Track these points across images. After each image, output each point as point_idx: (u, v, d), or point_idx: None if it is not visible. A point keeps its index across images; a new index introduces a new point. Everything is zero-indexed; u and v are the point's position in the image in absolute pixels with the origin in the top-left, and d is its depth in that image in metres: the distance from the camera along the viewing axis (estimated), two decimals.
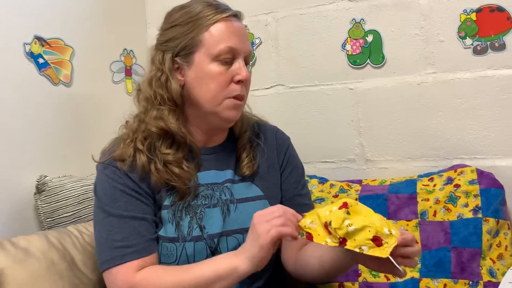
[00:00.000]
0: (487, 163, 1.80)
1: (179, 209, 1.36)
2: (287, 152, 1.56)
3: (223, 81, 1.34)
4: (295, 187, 1.53)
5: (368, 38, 1.95)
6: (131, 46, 2.22)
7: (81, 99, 1.92)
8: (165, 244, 1.34)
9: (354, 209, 1.14)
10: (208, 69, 1.33)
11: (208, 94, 1.34)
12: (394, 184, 1.81)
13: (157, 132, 1.35)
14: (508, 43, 1.76)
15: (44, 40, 1.79)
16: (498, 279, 1.54)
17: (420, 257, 1.62)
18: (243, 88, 1.37)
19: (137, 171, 1.33)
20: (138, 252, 1.29)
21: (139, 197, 1.33)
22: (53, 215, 1.64)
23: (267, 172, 1.50)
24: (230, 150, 1.47)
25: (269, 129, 1.57)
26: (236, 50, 1.34)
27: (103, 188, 1.35)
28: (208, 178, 1.41)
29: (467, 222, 1.63)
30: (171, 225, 1.34)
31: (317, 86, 2.06)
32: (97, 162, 1.38)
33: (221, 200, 1.40)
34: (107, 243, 1.30)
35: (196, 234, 1.35)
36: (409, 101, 1.91)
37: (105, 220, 1.32)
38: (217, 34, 1.33)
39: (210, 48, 1.33)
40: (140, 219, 1.32)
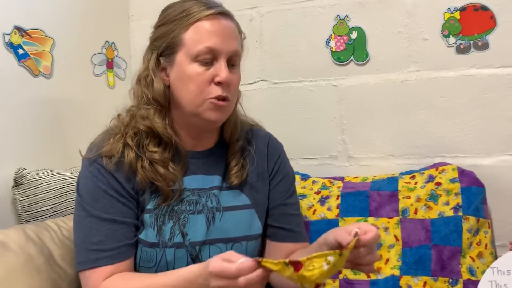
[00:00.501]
0: (469, 162, 1.81)
1: (162, 213, 1.33)
2: (278, 160, 1.52)
3: (202, 82, 1.30)
4: (282, 196, 1.49)
5: (352, 35, 1.95)
6: (113, 38, 2.20)
7: (61, 91, 1.89)
8: (145, 248, 1.32)
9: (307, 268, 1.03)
10: (188, 70, 1.30)
11: (188, 95, 1.31)
12: (376, 182, 1.81)
13: (145, 130, 1.33)
14: (491, 42, 1.77)
15: (24, 30, 1.76)
16: (477, 277, 1.55)
17: (400, 255, 1.63)
18: (226, 89, 1.31)
19: (123, 169, 1.31)
20: (113, 258, 1.27)
21: (121, 199, 1.31)
22: (31, 209, 1.62)
23: (256, 180, 1.46)
24: (220, 155, 1.44)
25: (262, 136, 1.54)
26: (216, 50, 1.29)
27: (86, 185, 1.32)
28: (195, 183, 1.39)
29: (447, 220, 1.64)
30: (152, 229, 1.32)
31: (300, 82, 2.05)
32: (84, 157, 1.35)
33: (207, 207, 1.37)
34: (84, 244, 1.28)
35: (177, 240, 1.33)
36: (392, 98, 1.92)
37: (84, 220, 1.30)
38: (197, 34, 1.29)
39: (190, 48, 1.30)
40: (120, 222, 1.29)
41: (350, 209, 1.73)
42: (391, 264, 1.63)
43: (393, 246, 1.65)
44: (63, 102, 1.91)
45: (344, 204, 1.75)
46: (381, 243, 1.66)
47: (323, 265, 1.01)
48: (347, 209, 1.74)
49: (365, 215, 1.71)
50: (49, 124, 1.84)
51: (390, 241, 1.66)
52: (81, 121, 1.96)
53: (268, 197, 1.49)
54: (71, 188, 1.68)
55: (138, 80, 1.39)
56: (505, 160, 1.77)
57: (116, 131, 1.36)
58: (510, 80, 1.75)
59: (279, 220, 1.47)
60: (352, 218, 1.72)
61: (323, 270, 1.01)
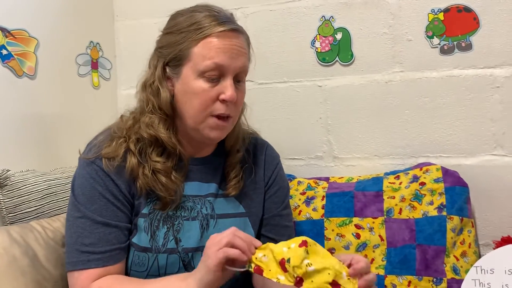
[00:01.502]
0: (452, 162, 1.82)
1: (157, 218, 1.33)
2: (274, 171, 1.53)
3: (207, 99, 1.28)
4: (277, 207, 1.50)
5: (337, 36, 1.96)
6: (98, 38, 2.19)
7: (45, 92, 1.88)
8: (137, 252, 1.32)
9: (312, 249, 1.10)
10: (193, 85, 1.28)
11: (192, 110, 1.30)
12: (361, 182, 1.82)
13: (149, 138, 1.32)
14: (474, 43, 1.78)
15: (8, 31, 1.74)
16: (461, 276, 1.56)
17: (385, 255, 1.64)
18: (230, 107, 1.30)
19: (123, 174, 1.30)
20: (103, 260, 1.27)
21: (117, 202, 1.30)
22: (16, 210, 1.60)
23: (252, 189, 1.47)
24: (218, 163, 1.44)
25: (260, 145, 1.54)
26: (224, 67, 1.27)
27: (82, 186, 1.31)
28: (191, 189, 1.38)
29: (431, 220, 1.65)
30: (146, 234, 1.32)
31: (286, 83, 2.05)
32: (82, 156, 1.34)
33: (201, 214, 1.37)
34: (76, 245, 1.28)
35: (170, 246, 1.33)
36: (377, 99, 1.92)
37: (78, 220, 1.29)
38: (205, 50, 1.27)
39: (197, 63, 1.28)
40: (113, 226, 1.29)
41: (335, 209, 1.74)
42: (376, 264, 1.64)
43: (378, 246, 1.66)
44: (48, 103, 1.89)
45: (329, 205, 1.75)
46: (366, 243, 1.67)
47: None
48: (333, 210, 1.74)
49: (350, 216, 1.72)
50: (34, 125, 1.82)
51: (375, 241, 1.67)
52: (65, 122, 1.95)
53: (263, 206, 1.49)
54: (55, 190, 1.67)
55: (144, 86, 1.37)
56: (489, 160, 1.79)
57: (118, 134, 1.34)
58: (493, 81, 1.77)
59: (272, 231, 1.47)
60: (337, 218, 1.72)
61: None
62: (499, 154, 1.78)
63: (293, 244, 1.10)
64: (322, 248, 1.13)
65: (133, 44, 2.26)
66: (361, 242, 1.68)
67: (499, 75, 1.76)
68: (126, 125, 1.36)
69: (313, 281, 1.06)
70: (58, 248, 1.51)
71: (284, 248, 1.10)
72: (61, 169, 1.77)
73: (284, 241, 1.13)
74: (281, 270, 1.09)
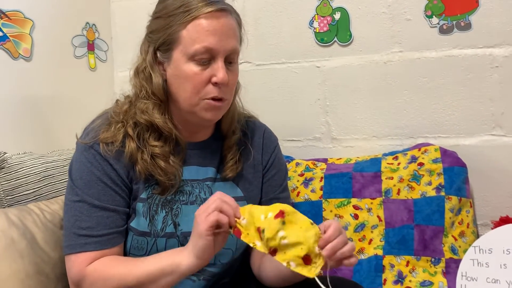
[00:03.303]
0: (451, 142, 1.82)
1: (156, 202, 1.33)
2: (272, 154, 1.51)
3: (199, 82, 1.27)
4: (274, 190, 1.49)
5: (336, 16, 1.94)
6: (94, 20, 2.17)
7: (41, 74, 1.87)
8: (136, 237, 1.32)
9: (290, 219, 1.09)
10: (184, 69, 1.27)
11: (184, 94, 1.29)
12: (359, 163, 1.82)
13: (145, 123, 1.31)
14: (473, 22, 1.77)
15: (3, 12, 1.73)
16: (459, 256, 1.57)
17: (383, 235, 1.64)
18: (223, 89, 1.29)
19: (122, 159, 1.29)
20: (101, 244, 1.27)
21: (115, 187, 1.29)
22: (13, 193, 1.60)
23: (250, 172, 1.46)
24: (215, 147, 1.43)
25: (258, 128, 1.53)
26: (214, 50, 1.25)
27: (79, 170, 1.30)
28: (189, 174, 1.38)
29: (430, 200, 1.65)
30: (144, 219, 1.32)
31: (284, 64, 2.04)
32: (80, 141, 1.33)
33: (200, 198, 1.37)
34: (73, 228, 1.27)
35: (169, 230, 1.33)
36: (375, 79, 1.92)
37: (75, 204, 1.29)
38: (194, 33, 1.25)
39: (187, 47, 1.26)
40: (111, 210, 1.28)
41: (334, 190, 1.74)
42: (374, 244, 1.65)
43: (376, 227, 1.67)
44: (44, 85, 1.88)
45: (328, 186, 1.75)
46: (364, 223, 1.68)
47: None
48: (331, 191, 1.74)
49: (349, 196, 1.72)
50: (30, 107, 1.82)
51: (373, 222, 1.67)
52: (62, 104, 1.94)
53: (261, 189, 1.48)
54: (53, 172, 1.66)
55: (136, 72, 1.35)
56: (487, 140, 1.79)
57: (116, 119, 1.33)
58: (492, 61, 1.76)
59: None
60: (335, 199, 1.72)
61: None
62: (498, 134, 1.78)
63: (270, 213, 1.09)
64: (302, 217, 1.11)
65: (130, 25, 2.24)
66: (360, 223, 1.68)
67: (498, 54, 1.75)
68: (122, 109, 1.34)
69: (286, 252, 1.07)
70: (56, 230, 1.51)
71: (261, 216, 1.10)
72: (58, 152, 1.77)
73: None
74: (258, 236, 1.10)
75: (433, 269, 1.57)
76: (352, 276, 1.61)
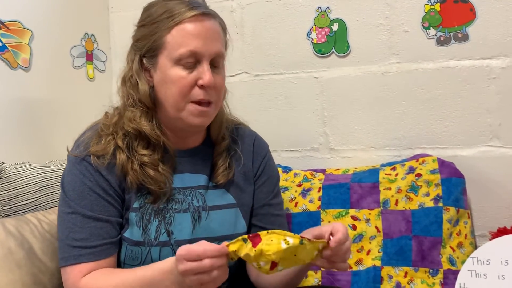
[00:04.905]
0: (449, 153, 1.82)
1: (148, 212, 1.33)
2: (263, 161, 1.51)
3: (184, 85, 1.27)
4: (266, 196, 1.49)
5: (334, 27, 1.95)
6: (93, 30, 2.18)
7: (40, 84, 1.87)
8: (130, 247, 1.32)
9: (283, 261, 1.07)
10: (170, 74, 1.28)
11: (171, 98, 1.29)
12: (357, 173, 1.82)
13: (133, 132, 1.31)
14: (470, 34, 1.78)
15: (2, 22, 1.73)
16: (457, 267, 1.57)
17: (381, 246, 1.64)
18: (210, 92, 1.29)
19: (114, 170, 1.30)
20: (94, 255, 1.27)
21: (107, 197, 1.30)
22: (11, 203, 1.60)
23: (241, 179, 1.46)
24: (206, 154, 1.43)
25: (248, 135, 1.53)
26: (199, 53, 1.27)
27: (72, 182, 1.30)
28: (181, 181, 1.38)
29: (428, 211, 1.65)
30: (138, 228, 1.31)
31: (282, 75, 2.05)
32: (71, 154, 1.33)
33: (193, 206, 1.37)
34: (67, 240, 1.28)
35: (163, 239, 1.32)
36: (373, 90, 1.92)
37: (68, 216, 1.29)
38: (179, 37, 1.27)
39: (172, 51, 1.27)
40: (104, 221, 1.29)
41: (332, 201, 1.74)
42: (372, 255, 1.64)
43: (374, 237, 1.66)
44: (42, 95, 1.88)
45: (326, 196, 1.75)
46: (362, 234, 1.67)
47: (281, 243, 1.03)
48: (329, 201, 1.74)
49: (347, 207, 1.72)
50: (29, 117, 1.82)
51: (372, 233, 1.67)
52: (60, 114, 1.94)
53: (253, 196, 1.48)
54: (51, 182, 1.66)
55: (123, 81, 1.36)
56: (485, 151, 1.79)
57: (106, 132, 1.33)
58: (490, 72, 1.77)
59: (262, 220, 1.47)
60: (333, 210, 1.72)
61: (280, 247, 1.03)
62: (495, 145, 1.78)
63: (262, 263, 1.06)
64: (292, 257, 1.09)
65: (128, 36, 2.22)
66: (358, 234, 1.68)
67: (495, 66, 1.76)
68: (112, 122, 1.35)
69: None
70: (54, 240, 1.51)
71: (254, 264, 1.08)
72: (56, 162, 1.76)
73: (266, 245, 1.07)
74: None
75: (431, 280, 1.57)
76: (350, 287, 1.61)
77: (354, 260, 1.65)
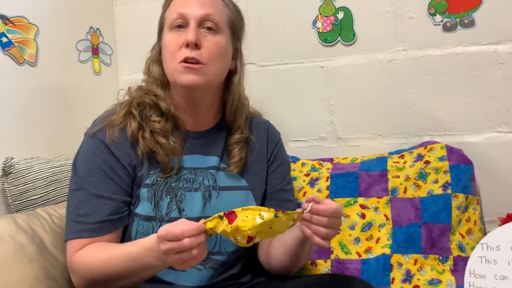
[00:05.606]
0: (457, 140, 1.82)
1: (160, 189, 1.37)
2: (276, 147, 1.57)
3: (174, 47, 1.35)
4: (280, 182, 1.54)
5: (339, 15, 1.94)
6: (98, 24, 2.17)
7: (47, 79, 1.87)
8: (141, 222, 1.36)
9: (259, 234, 1.11)
10: (166, 40, 1.39)
11: (166, 63, 1.39)
12: (365, 162, 1.82)
13: (148, 101, 1.39)
14: (477, 19, 1.77)
15: (7, 18, 1.73)
16: (467, 253, 1.56)
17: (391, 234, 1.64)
18: (196, 51, 1.33)
19: (124, 141, 1.35)
20: (94, 231, 1.31)
21: (113, 175, 1.34)
22: (21, 198, 1.61)
23: (254, 165, 1.50)
24: (219, 137, 1.48)
25: (262, 123, 1.59)
26: (185, 14, 1.35)
27: (83, 159, 1.37)
28: (192, 162, 1.42)
29: (437, 198, 1.65)
30: (149, 204, 1.36)
31: (288, 64, 2.04)
32: (88, 131, 1.40)
33: (204, 185, 1.41)
34: (72, 215, 1.34)
35: (174, 215, 1.36)
36: (380, 78, 1.91)
37: (74, 193, 1.35)
38: (172, 8, 1.40)
39: (167, 21, 1.39)
40: (106, 198, 1.33)
41: (340, 190, 1.74)
42: (381, 243, 1.64)
43: (384, 226, 1.66)
44: (49, 90, 1.89)
45: (334, 186, 1.75)
46: (371, 223, 1.68)
47: (256, 218, 1.08)
48: (337, 190, 1.74)
49: (355, 196, 1.72)
50: (36, 112, 1.82)
51: (380, 221, 1.67)
52: (68, 108, 1.95)
53: (266, 181, 1.52)
54: (60, 176, 1.67)
55: (146, 63, 1.46)
56: (493, 137, 1.78)
57: (124, 104, 1.42)
58: (497, 57, 1.76)
59: (277, 205, 1.47)
60: (342, 199, 1.72)
61: (255, 222, 1.08)
62: (503, 131, 1.78)
63: (239, 238, 1.11)
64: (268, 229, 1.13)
65: (133, 29, 2.24)
66: (367, 222, 1.68)
67: (502, 51, 1.75)
68: (131, 94, 1.44)
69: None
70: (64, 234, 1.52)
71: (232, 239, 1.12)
72: (65, 156, 1.77)
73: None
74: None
75: (441, 267, 1.57)
76: (360, 275, 1.61)
77: (364, 249, 1.65)
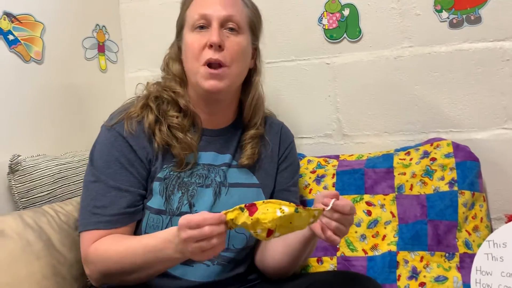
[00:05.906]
0: (463, 136, 1.81)
1: (172, 183, 1.38)
2: (288, 147, 1.59)
3: (197, 48, 1.36)
4: (287, 182, 1.55)
5: (345, 12, 1.94)
6: (104, 21, 2.18)
7: (53, 77, 1.88)
8: (152, 215, 1.37)
9: (279, 228, 1.11)
10: (187, 40, 1.39)
11: (188, 64, 1.39)
12: (371, 159, 1.82)
13: (166, 97, 1.41)
14: (483, 16, 1.76)
15: (14, 16, 1.74)
16: (474, 250, 1.56)
17: (397, 231, 1.64)
18: (220, 54, 1.34)
19: (141, 134, 1.37)
20: (111, 223, 1.32)
21: (130, 168, 1.36)
22: (28, 195, 1.62)
23: (266, 162, 1.52)
24: (234, 135, 1.49)
25: (276, 124, 1.61)
26: (207, 15, 1.36)
27: (100, 151, 1.38)
28: (206, 159, 1.44)
29: (443, 195, 1.65)
30: (161, 197, 1.37)
31: (293, 61, 2.04)
32: (105, 124, 1.41)
33: (215, 181, 1.42)
34: (88, 207, 1.35)
35: (185, 210, 1.37)
36: (386, 75, 1.91)
37: (92, 184, 1.36)
38: (193, 7, 1.40)
39: (189, 21, 1.39)
40: (124, 190, 1.34)
41: (346, 187, 1.74)
42: (388, 240, 1.64)
43: (390, 223, 1.66)
44: (56, 87, 1.89)
45: (340, 183, 1.75)
46: (377, 220, 1.67)
47: (277, 211, 1.08)
48: (343, 187, 1.74)
49: (361, 193, 1.72)
50: (42, 109, 1.83)
51: (387, 218, 1.67)
52: (74, 106, 1.95)
53: (275, 179, 1.54)
54: (67, 173, 1.68)
55: (165, 60, 1.49)
56: (499, 134, 1.78)
57: (142, 97, 1.44)
58: (503, 54, 1.75)
59: None
60: (348, 196, 1.72)
61: (275, 215, 1.08)
62: (509, 127, 1.77)
63: (259, 230, 1.11)
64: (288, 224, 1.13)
65: (139, 26, 2.24)
66: (373, 219, 1.68)
67: (509, 47, 1.74)
68: (149, 88, 1.45)
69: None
70: (71, 231, 1.53)
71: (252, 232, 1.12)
72: (71, 153, 1.78)
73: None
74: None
75: (447, 264, 1.57)
76: (366, 272, 1.61)
77: (370, 246, 1.65)
